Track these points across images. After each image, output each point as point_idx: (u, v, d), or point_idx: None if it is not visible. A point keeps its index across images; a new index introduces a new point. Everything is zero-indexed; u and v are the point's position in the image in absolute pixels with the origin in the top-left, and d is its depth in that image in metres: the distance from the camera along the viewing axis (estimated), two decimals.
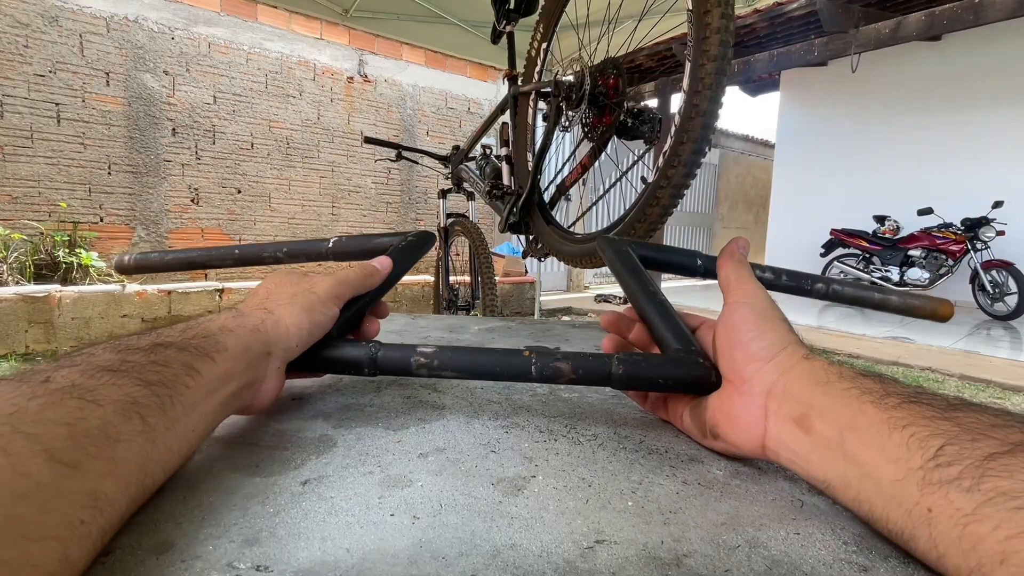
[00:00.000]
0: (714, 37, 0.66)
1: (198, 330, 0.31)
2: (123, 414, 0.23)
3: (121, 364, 0.25)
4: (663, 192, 0.75)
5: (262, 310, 0.35)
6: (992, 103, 5.19)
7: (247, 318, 0.34)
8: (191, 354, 0.28)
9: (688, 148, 0.71)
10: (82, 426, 0.21)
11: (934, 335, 3.95)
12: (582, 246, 0.96)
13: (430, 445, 0.34)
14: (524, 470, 0.31)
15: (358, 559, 0.22)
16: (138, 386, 0.24)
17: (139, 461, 0.23)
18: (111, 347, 0.27)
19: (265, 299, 0.37)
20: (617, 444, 0.35)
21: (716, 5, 0.66)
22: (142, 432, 0.23)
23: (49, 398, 0.21)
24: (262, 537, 0.24)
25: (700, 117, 0.69)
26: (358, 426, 0.37)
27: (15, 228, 3.54)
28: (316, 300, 0.37)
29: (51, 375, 0.23)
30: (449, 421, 0.38)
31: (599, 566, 0.22)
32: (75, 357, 0.25)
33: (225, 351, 0.30)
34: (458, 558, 0.23)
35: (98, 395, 0.23)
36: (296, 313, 0.36)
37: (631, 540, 0.24)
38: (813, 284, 0.53)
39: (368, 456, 0.32)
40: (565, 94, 0.98)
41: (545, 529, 0.25)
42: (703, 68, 0.67)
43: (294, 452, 0.33)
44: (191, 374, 0.28)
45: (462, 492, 0.28)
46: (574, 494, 0.28)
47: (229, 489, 0.28)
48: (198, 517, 0.25)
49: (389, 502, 0.27)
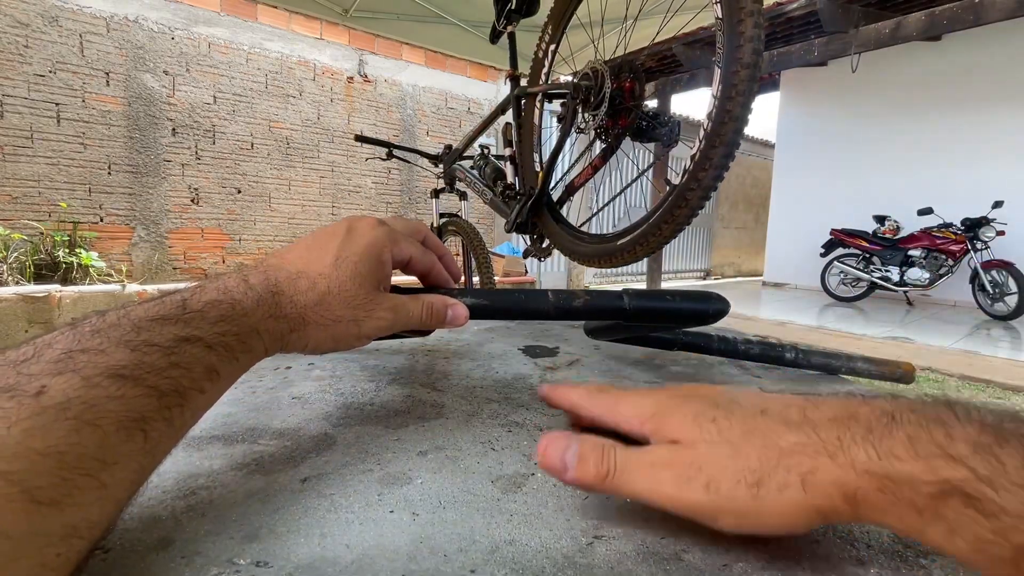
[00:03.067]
0: (747, 46, 0.69)
1: (230, 325, 0.27)
2: (125, 432, 0.21)
3: (135, 368, 0.22)
4: (692, 194, 0.77)
5: (299, 319, 0.31)
6: (992, 103, 5.19)
7: (279, 323, 0.30)
8: (216, 354, 0.26)
9: (719, 152, 0.73)
10: (73, 453, 0.19)
11: (934, 335, 3.95)
12: (600, 246, 0.97)
13: (429, 443, 0.34)
14: (523, 467, 0.31)
15: (357, 555, 0.22)
16: (149, 398, 0.22)
17: (133, 478, 0.21)
18: (128, 339, 0.23)
19: (314, 307, 0.31)
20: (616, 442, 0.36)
21: (750, 15, 0.69)
22: (142, 450, 0.21)
23: (38, 420, 0.18)
24: (262, 533, 0.24)
25: (732, 122, 0.72)
26: (357, 424, 0.37)
27: (15, 228, 3.54)
28: (353, 333, 0.33)
29: (47, 385, 0.20)
30: (448, 419, 0.39)
31: (598, 561, 0.22)
32: (82, 356, 0.21)
33: (249, 352, 0.28)
34: (457, 554, 0.23)
35: (99, 412, 0.20)
36: (324, 340, 0.32)
37: (630, 535, 0.24)
38: (783, 353, 0.52)
39: (367, 454, 0.32)
40: (584, 96, 0.99)
41: (544, 525, 0.25)
42: (736, 75, 0.70)
43: (294, 449, 0.33)
44: (211, 378, 0.25)
45: (461, 489, 0.28)
46: (572, 491, 0.29)
47: (229, 486, 0.28)
48: (198, 513, 0.25)
49: (388, 499, 0.27)
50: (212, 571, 0.21)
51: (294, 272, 0.31)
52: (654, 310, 0.40)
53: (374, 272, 0.33)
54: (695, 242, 9.25)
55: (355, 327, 0.32)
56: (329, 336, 0.32)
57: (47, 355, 0.21)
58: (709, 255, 9.48)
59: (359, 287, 0.32)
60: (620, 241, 0.91)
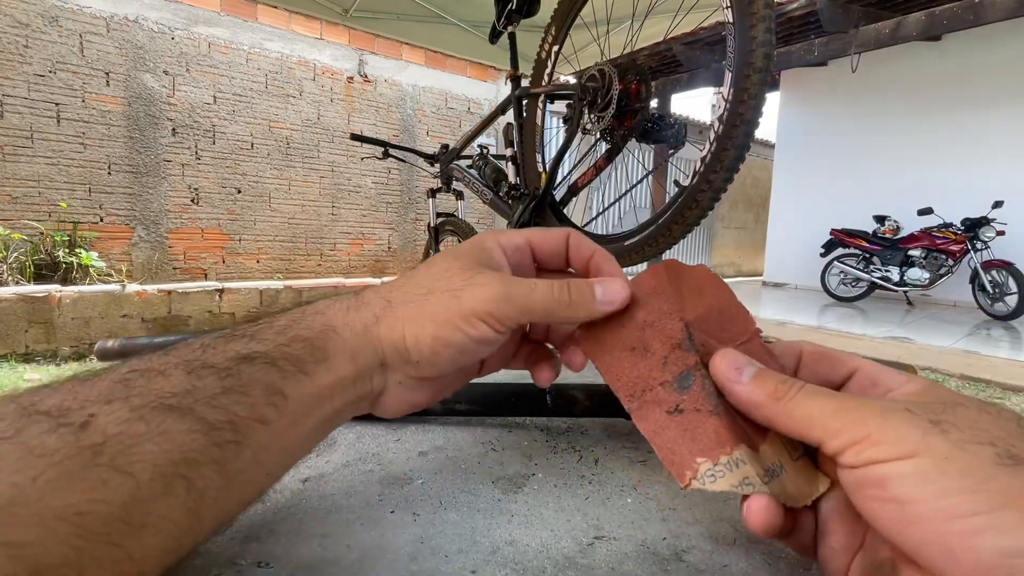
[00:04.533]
0: (759, 51, 0.71)
1: (299, 329, 0.23)
2: (163, 483, 0.17)
3: (187, 395, 0.19)
4: (703, 196, 0.79)
5: (383, 302, 0.25)
6: (992, 103, 5.19)
7: (361, 312, 0.25)
8: (279, 371, 0.21)
9: (731, 154, 0.75)
10: (97, 513, 0.16)
11: (934, 335, 3.95)
12: (607, 246, 0.97)
13: (430, 443, 0.34)
14: (524, 468, 0.31)
15: (358, 556, 0.22)
16: (195, 433, 0.18)
17: (168, 544, 0.18)
18: (188, 360, 0.20)
19: (399, 288, 0.26)
20: (616, 442, 0.36)
21: (762, 20, 0.70)
22: (183, 505, 0.18)
23: (67, 466, 0.16)
24: (263, 534, 0.24)
25: (743, 125, 0.73)
26: (358, 424, 0.37)
27: (15, 228, 3.54)
28: (454, 309, 0.24)
29: (95, 415, 0.17)
30: (448, 419, 0.39)
31: (598, 561, 0.22)
32: (139, 379, 0.19)
33: (325, 361, 0.23)
34: (457, 554, 0.23)
35: (134, 456, 0.17)
36: (418, 320, 0.25)
37: (630, 536, 0.24)
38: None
39: (368, 454, 0.32)
40: (591, 98, 0.99)
41: (544, 525, 0.25)
42: (748, 79, 0.72)
43: None
44: (274, 402, 0.21)
45: (462, 489, 0.28)
46: (573, 491, 0.29)
47: None
48: None
49: (389, 499, 0.27)
50: (213, 571, 0.21)
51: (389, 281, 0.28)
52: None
53: (471, 254, 0.27)
54: (695, 242, 9.25)
55: (454, 300, 0.25)
56: (425, 316, 0.25)
57: (113, 374, 0.19)
58: (709, 255, 9.49)
59: (453, 260, 0.26)
60: (629, 241, 0.91)
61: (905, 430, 0.17)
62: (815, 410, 0.19)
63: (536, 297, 0.25)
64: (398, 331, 0.24)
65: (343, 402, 0.24)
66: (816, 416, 0.19)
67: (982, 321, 4.69)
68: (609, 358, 0.24)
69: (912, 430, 0.17)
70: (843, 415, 0.18)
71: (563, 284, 0.25)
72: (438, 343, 0.24)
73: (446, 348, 0.24)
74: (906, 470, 0.16)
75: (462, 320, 0.24)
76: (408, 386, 0.26)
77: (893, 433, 0.17)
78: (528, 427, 0.38)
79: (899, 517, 0.16)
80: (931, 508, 0.16)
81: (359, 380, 0.24)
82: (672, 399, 0.22)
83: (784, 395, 0.20)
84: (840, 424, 0.18)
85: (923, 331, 4.11)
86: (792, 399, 0.20)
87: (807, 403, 0.19)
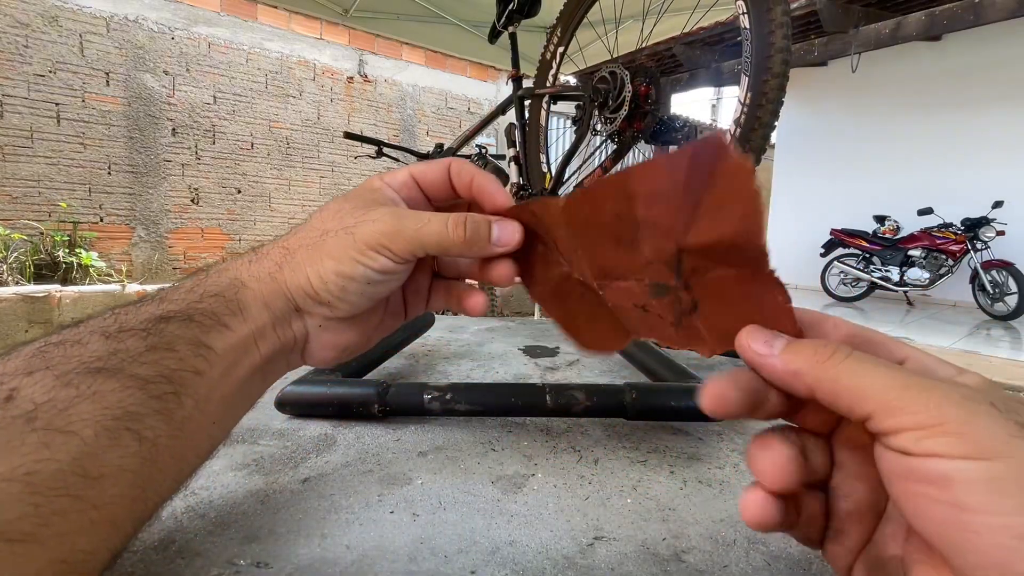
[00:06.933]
0: (777, 56, 0.72)
1: (208, 286, 0.24)
2: (109, 436, 0.18)
3: (110, 357, 0.19)
4: None
5: (282, 250, 0.26)
6: (992, 103, 5.19)
7: (263, 262, 0.26)
8: (199, 325, 0.22)
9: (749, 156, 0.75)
10: (45, 473, 0.16)
11: (934, 335, 3.95)
12: None
13: (429, 443, 0.34)
14: (523, 468, 0.31)
15: (358, 556, 0.22)
16: (130, 389, 0.19)
17: (133, 493, 0.18)
18: (104, 327, 0.21)
19: (295, 235, 0.27)
20: (616, 442, 0.36)
21: (780, 26, 0.70)
22: (137, 454, 0.18)
23: (1, 436, 0.16)
24: (262, 534, 0.24)
25: (761, 128, 0.75)
26: (358, 424, 0.37)
27: (15, 228, 3.54)
28: (349, 244, 0.25)
29: (16, 387, 0.17)
30: (448, 419, 0.38)
31: (598, 562, 0.22)
32: (55, 350, 0.19)
33: (241, 312, 0.24)
34: (457, 555, 0.23)
35: (72, 416, 0.17)
36: (318, 260, 0.25)
37: (630, 537, 0.24)
38: None
39: (368, 454, 0.32)
40: (602, 100, 0.99)
41: (544, 526, 0.25)
42: (767, 84, 0.73)
43: (294, 450, 0.33)
44: (201, 353, 0.22)
45: (461, 490, 0.28)
46: (573, 491, 0.29)
47: (229, 486, 0.28)
48: (199, 514, 0.25)
49: (389, 500, 0.27)
50: (212, 571, 0.21)
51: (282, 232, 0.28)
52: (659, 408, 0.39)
53: (361, 195, 0.27)
54: None
55: (348, 237, 0.25)
56: (323, 255, 0.25)
57: (25, 350, 0.19)
58: None
59: (344, 202, 0.27)
60: None
61: (988, 427, 0.14)
62: (872, 380, 0.16)
63: (429, 230, 0.25)
64: (302, 274, 0.25)
65: (270, 350, 0.25)
66: (872, 388, 0.16)
67: (982, 321, 4.69)
68: (592, 239, 0.23)
69: (997, 430, 0.14)
70: (911, 393, 0.16)
71: (458, 219, 0.25)
72: (341, 278, 0.25)
73: (351, 282, 0.25)
74: (978, 474, 0.14)
75: (358, 253, 0.25)
76: (331, 328, 0.27)
77: (973, 428, 0.15)
78: (528, 427, 0.38)
79: (954, 522, 0.14)
80: (1000, 522, 0.13)
81: (278, 326, 0.25)
82: (642, 298, 0.22)
83: (829, 358, 0.17)
84: (904, 403, 0.16)
85: (923, 331, 4.11)
86: (842, 363, 0.17)
87: (861, 371, 0.17)
